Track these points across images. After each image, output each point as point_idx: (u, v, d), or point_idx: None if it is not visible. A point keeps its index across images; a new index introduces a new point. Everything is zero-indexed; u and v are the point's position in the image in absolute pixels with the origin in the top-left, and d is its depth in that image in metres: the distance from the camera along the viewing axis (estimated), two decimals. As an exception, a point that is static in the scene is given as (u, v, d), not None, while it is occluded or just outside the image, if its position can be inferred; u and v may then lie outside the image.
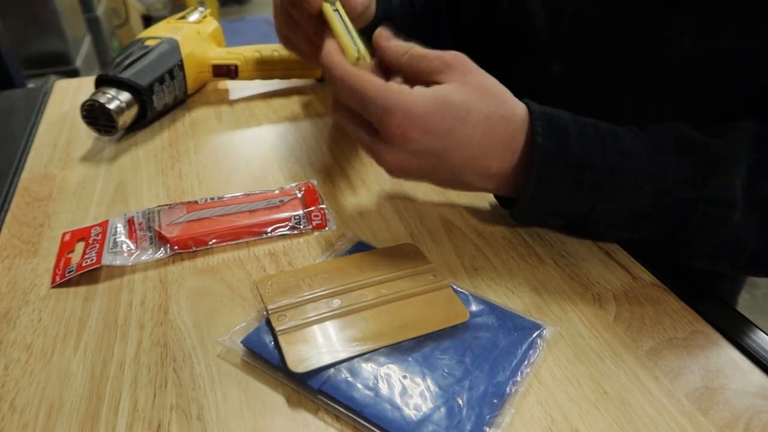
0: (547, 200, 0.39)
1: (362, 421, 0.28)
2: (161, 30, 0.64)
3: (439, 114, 0.35)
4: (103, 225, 0.43)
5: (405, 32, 0.61)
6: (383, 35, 0.39)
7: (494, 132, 0.36)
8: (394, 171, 0.38)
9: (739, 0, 0.40)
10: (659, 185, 0.37)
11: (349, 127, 0.39)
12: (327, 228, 0.43)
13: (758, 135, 0.39)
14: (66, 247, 0.41)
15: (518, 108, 0.38)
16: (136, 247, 0.40)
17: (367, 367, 0.31)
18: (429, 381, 0.30)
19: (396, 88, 0.35)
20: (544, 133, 0.37)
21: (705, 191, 0.37)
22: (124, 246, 0.40)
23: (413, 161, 0.36)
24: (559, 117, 0.38)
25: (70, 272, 0.38)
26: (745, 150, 0.38)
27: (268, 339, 0.32)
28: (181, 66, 0.60)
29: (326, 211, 0.45)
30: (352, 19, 0.41)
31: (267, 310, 0.33)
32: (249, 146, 0.56)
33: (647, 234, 0.40)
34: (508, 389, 0.30)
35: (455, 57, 0.37)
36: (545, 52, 0.52)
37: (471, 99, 0.36)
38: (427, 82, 0.37)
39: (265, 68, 0.65)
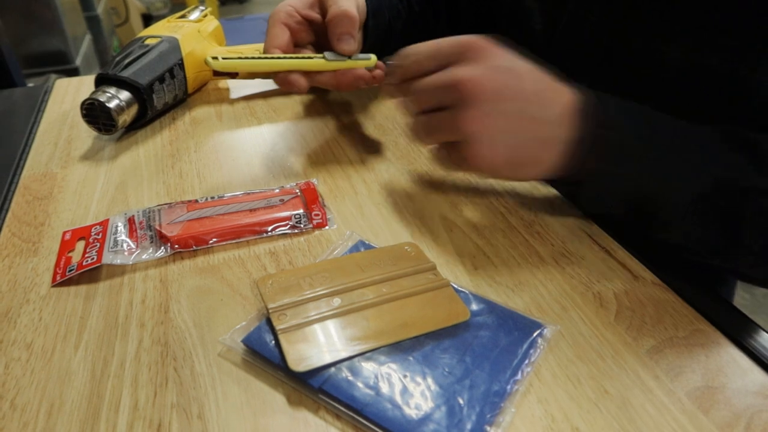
0: (617, 171, 0.38)
1: (363, 420, 0.28)
2: (161, 29, 0.64)
3: (499, 50, 0.38)
4: (104, 224, 0.43)
5: (401, 31, 0.61)
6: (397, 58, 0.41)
7: (546, 78, 0.39)
8: (477, 127, 0.37)
9: (729, 22, 0.40)
10: (717, 167, 0.37)
11: (432, 125, 0.40)
12: (327, 227, 0.43)
13: None
14: (66, 246, 0.41)
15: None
16: (137, 246, 0.40)
17: (368, 366, 0.31)
18: (429, 380, 0.30)
19: None
20: (605, 99, 0.38)
21: (758, 181, 0.37)
22: (125, 245, 0.40)
23: (493, 92, 0.36)
24: (610, 96, 0.39)
25: (70, 271, 0.38)
26: None
27: (269, 338, 0.32)
28: (181, 65, 0.60)
29: (327, 210, 0.45)
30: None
31: (267, 309, 0.33)
32: (249, 145, 0.56)
33: (707, 225, 0.38)
34: (508, 388, 0.30)
35: (471, 39, 0.39)
36: (541, 55, 0.52)
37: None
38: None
39: (265, 67, 0.65)
